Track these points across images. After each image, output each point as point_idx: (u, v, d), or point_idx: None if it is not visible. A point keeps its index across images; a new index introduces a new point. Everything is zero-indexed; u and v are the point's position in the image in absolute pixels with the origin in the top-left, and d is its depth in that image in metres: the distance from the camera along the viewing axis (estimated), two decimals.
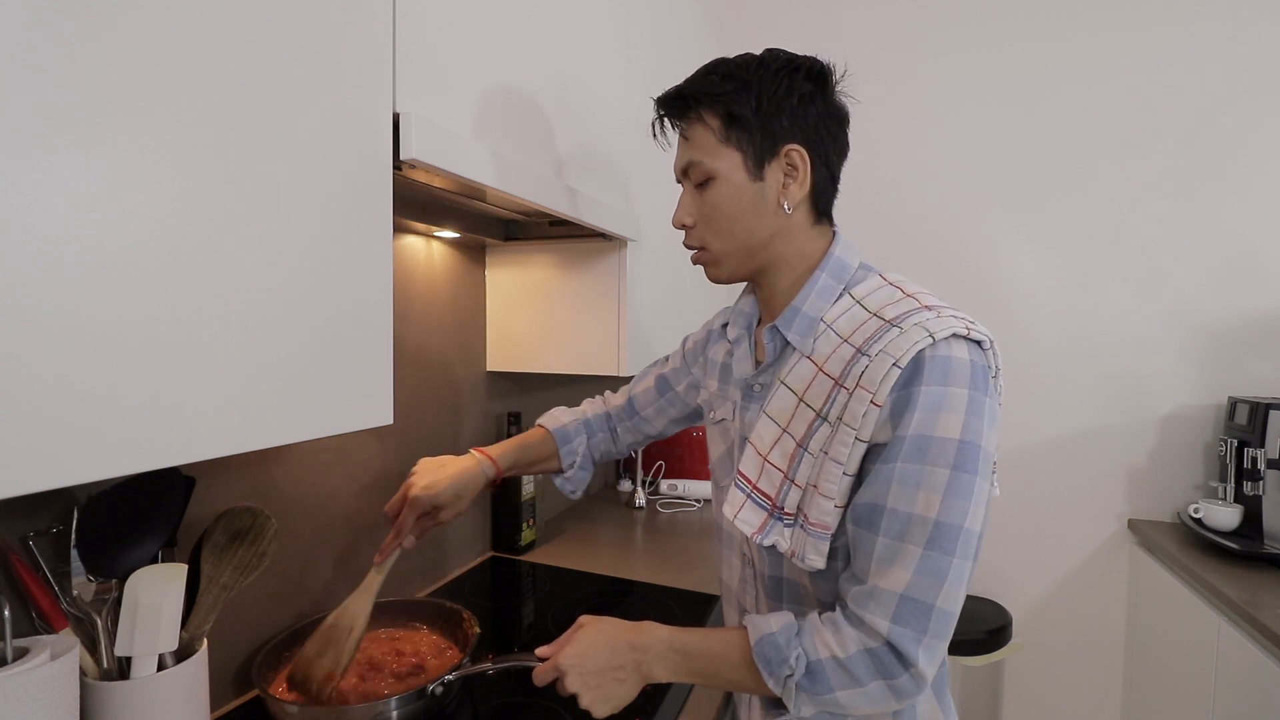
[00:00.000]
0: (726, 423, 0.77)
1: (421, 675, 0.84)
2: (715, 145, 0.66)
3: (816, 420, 0.62)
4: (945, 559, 0.55)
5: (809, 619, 0.61)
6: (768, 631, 0.60)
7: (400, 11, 0.62)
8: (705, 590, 1.19)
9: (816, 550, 0.61)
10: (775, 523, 0.65)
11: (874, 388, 0.57)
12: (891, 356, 0.57)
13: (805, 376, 0.65)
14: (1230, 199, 1.69)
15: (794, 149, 0.65)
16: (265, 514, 0.76)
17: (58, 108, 0.37)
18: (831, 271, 0.68)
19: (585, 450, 0.96)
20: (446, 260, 1.21)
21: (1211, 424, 1.72)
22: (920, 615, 0.55)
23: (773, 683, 0.58)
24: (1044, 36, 1.81)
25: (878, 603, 0.56)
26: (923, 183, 1.92)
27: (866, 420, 0.58)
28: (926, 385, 0.56)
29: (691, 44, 1.56)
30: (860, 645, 0.56)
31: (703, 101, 0.66)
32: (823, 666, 0.57)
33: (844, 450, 0.59)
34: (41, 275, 0.37)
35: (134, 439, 0.41)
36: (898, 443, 0.57)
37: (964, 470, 0.55)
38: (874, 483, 0.58)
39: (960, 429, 0.56)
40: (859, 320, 0.63)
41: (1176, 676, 1.49)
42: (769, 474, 0.66)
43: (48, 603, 0.59)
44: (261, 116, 0.49)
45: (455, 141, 0.68)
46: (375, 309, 0.61)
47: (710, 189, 0.67)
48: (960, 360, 0.57)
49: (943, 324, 0.58)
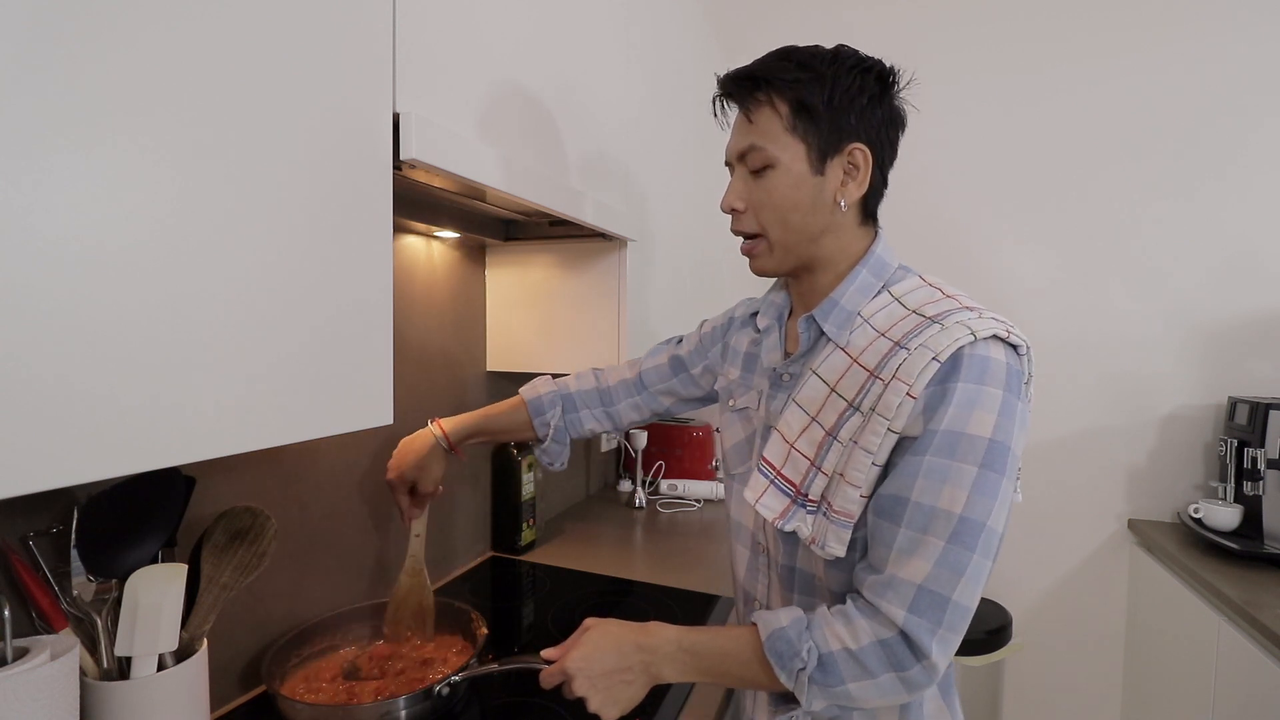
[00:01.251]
0: (749, 410, 0.76)
1: (429, 675, 0.84)
2: (780, 133, 0.65)
3: (848, 410, 0.62)
4: (966, 554, 0.55)
5: (818, 612, 0.61)
6: (778, 626, 0.60)
7: (400, 11, 0.62)
8: (705, 590, 1.19)
9: (838, 538, 0.61)
10: (798, 509, 0.65)
11: (911, 380, 0.58)
12: (931, 351, 0.58)
13: (838, 367, 0.65)
14: (1230, 199, 1.69)
15: (858, 148, 0.66)
16: (265, 514, 0.76)
17: (58, 107, 0.37)
18: (872, 269, 0.69)
19: (560, 424, 0.95)
20: (446, 260, 1.21)
21: (1211, 424, 1.72)
22: (937, 607, 0.55)
23: (785, 676, 0.58)
24: (1044, 37, 1.81)
25: (895, 592, 0.56)
26: (923, 182, 1.92)
27: (900, 411, 0.58)
28: (963, 382, 0.57)
29: (692, 44, 1.56)
30: (873, 636, 0.57)
31: (775, 86, 0.65)
32: (835, 658, 0.57)
33: (875, 440, 0.59)
34: (41, 275, 0.37)
35: (134, 439, 0.41)
36: (929, 436, 0.57)
37: (992, 469, 0.56)
38: (900, 475, 0.58)
39: (992, 428, 0.56)
40: (897, 316, 0.64)
41: (1176, 676, 1.49)
42: (795, 461, 0.66)
43: (48, 603, 0.59)
44: (262, 117, 0.49)
45: (455, 141, 0.68)
46: (375, 309, 0.61)
47: (768, 176, 0.66)
48: (998, 361, 0.58)
49: (984, 324, 0.59)
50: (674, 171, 1.44)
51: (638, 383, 0.96)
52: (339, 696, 0.80)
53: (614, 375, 0.98)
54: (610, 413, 0.96)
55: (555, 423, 0.94)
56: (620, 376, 0.97)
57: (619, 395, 0.96)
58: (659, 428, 1.91)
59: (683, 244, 1.49)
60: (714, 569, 1.30)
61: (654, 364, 0.96)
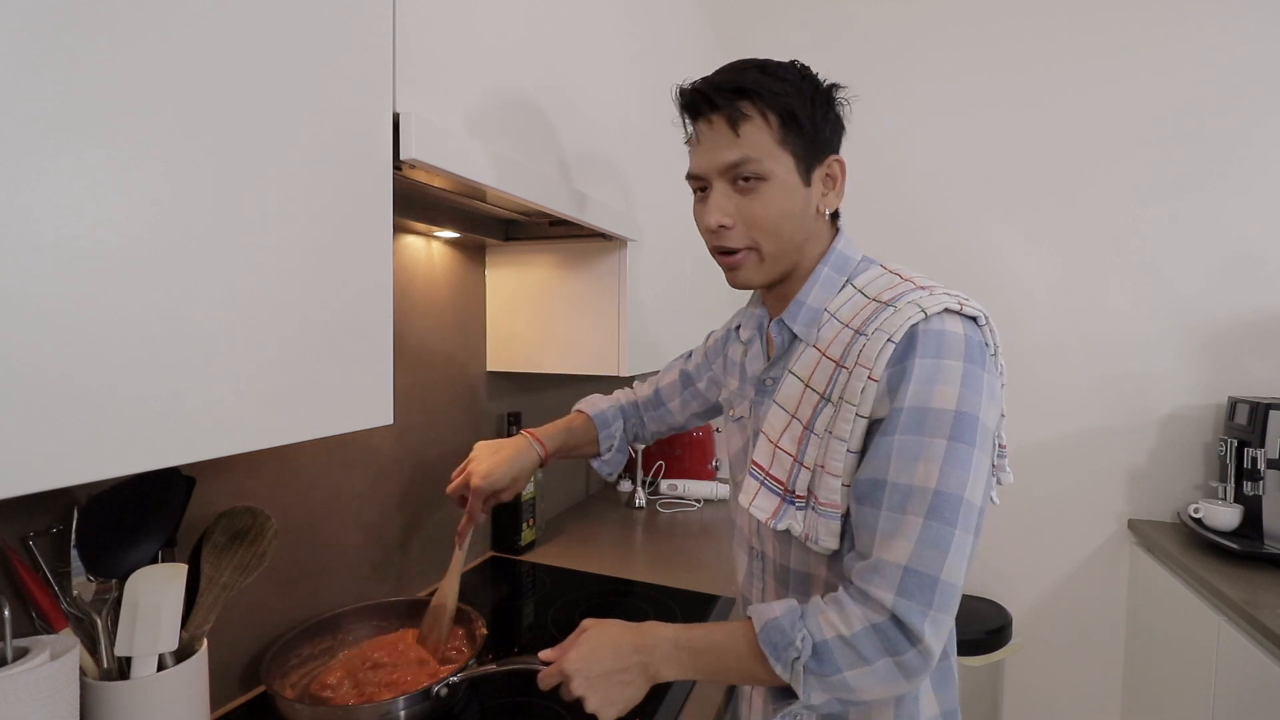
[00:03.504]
0: (744, 419, 0.78)
1: (429, 674, 0.84)
2: (771, 145, 0.64)
3: (821, 402, 0.64)
4: (947, 529, 0.55)
5: (812, 601, 0.61)
6: (772, 617, 0.60)
7: (400, 11, 0.62)
8: (705, 590, 1.19)
9: (828, 530, 0.62)
10: (788, 507, 0.66)
11: (870, 364, 0.59)
12: (886, 333, 0.59)
13: (810, 363, 0.66)
14: (1230, 199, 1.69)
15: (836, 159, 0.68)
16: (265, 514, 0.76)
17: (59, 107, 0.37)
18: (834, 265, 0.69)
19: (621, 434, 1.02)
20: (446, 260, 1.21)
21: (1211, 424, 1.72)
22: (925, 588, 0.55)
23: (780, 668, 0.58)
24: (1045, 37, 1.81)
25: (882, 576, 0.56)
26: (923, 182, 1.92)
27: (865, 396, 0.59)
28: (920, 358, 0.57)
29: (691, 44, 1.56)
30: (865, 622, 0.56)
31: (765, 98, 0.64)
32: (829, 646, 0.57)
33: (846, 427, 0.60)
34: (41, 274, 0.37)
35: (134, 439, 0.41)
36: (895, 415, 0.58)
37: (961, 440, 0.56)
38: (874, 458, 0.59)
39: (956, 400, 0.56)
40: (859, 306, 0.65)
41: (1176, 676, 1.49)
42: (780, 459, 0.67)
43: (48, 603, 0.59)
44: (262, 117, 0.49)
45: (455, 141, 0.68)
46: (375, 309, 0.61)
47: (761, 190, 0.65)
48: (954, 334, 0.58)
49: (935, 300, 0.60)
50: (674, 171, 1.44)
51: (655, 398, 1.03)
52: (339, 697, 0.80)
53: (642, 391, 1.05)
54: (643, 424, 1.04)
55: (619, 434, 1.02)
56: (645, 393, 1.04)
57: (646, 408, 1.03)
58: None
59: (683, 244, 1.49)
60: (714, 569, 1.30)
61: (668, 381, 1.02)
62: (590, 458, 1.03)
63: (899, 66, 1.95)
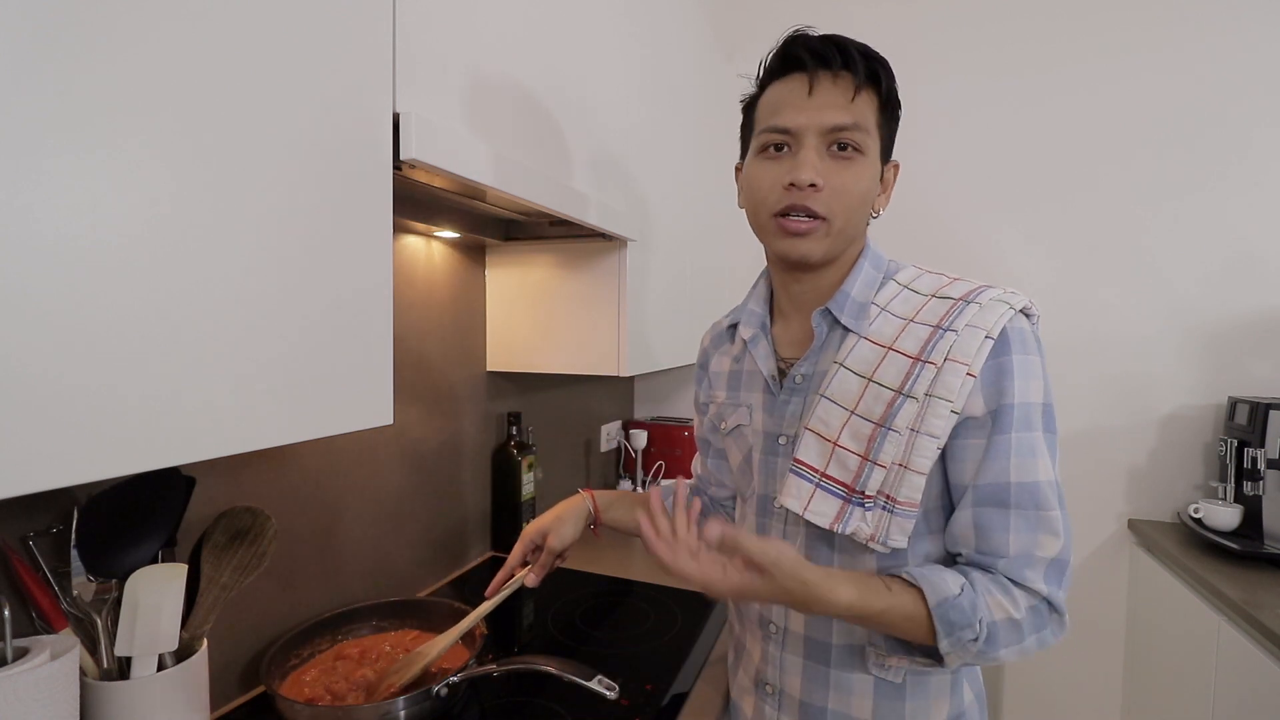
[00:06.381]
0: (742, 428, 0.75)
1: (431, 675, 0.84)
2: (873, 124, 0.65)
3: (899, 398, 0.62)
4: (1064, 515, 0.60)
5: (974, 580, 0.59)
6: (949, 595, 0.57)
7: (400, 11, 0.62)
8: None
9: (901, 529, 0.62)
10: (854, 508, 0.63)
11: (969, 359, 0.60)
12: (982, 329, 0.60)
13: (869, 358, 0.65)
14: (1230, 199, 1.69)
15: (894, 164, 0.71)
16: (265, 514, 0.76)
17: (59, 107, 0.37)
18: (872, 262, 0.71)
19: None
20: (446, 260, 1.21)
21: (1211, 424, 1.72)
22: (1062, 571, 0.60)
23: (948, 643, 0.57)
24: (1045, 37, 1.81)
25: (1033, 569, 0.59)
26: (923, 182, 1.92)
27: (962, 392, 0.60)
28: (1016, 354, 0.60)
29: (691, 44, 1.56)
30: (1029, 603, 0.59)
31: (880, 76, 0.65)
32: (999, 628, 0.58)
33: (939, 424, 0.60)
34: (41, 274, 0.37)
35: (134, 439, 0.41)
36: (1005, 412, 0.60)
37: (1049, 430, 0.61)
38: (993, 458, 0.60)
39: (1043, 393, 0.61)
40: (917, 302, 0.66)
41: (1176, 676, 1.49)
42: (841, 458, 0.64)
43: (48, 603, 0.59)
44: (262, 117, 0.49)
45: (455, 141, 0.68)
46: (375, 309, 0.61)
47: (856, 162, 0.64)
48: (1030, 330, 0.63)
49: (1016, 298, 0.63)
50: (675, 171, 1.44)
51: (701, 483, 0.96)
52: (340, 696, 0.80)
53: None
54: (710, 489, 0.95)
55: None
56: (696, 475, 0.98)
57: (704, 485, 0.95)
58: (659, 428, 1.91)
59: (684, 244, 1.49)
60: None
61: (698, 461, 0.95)
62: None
63: (898, 67, 1.92)
